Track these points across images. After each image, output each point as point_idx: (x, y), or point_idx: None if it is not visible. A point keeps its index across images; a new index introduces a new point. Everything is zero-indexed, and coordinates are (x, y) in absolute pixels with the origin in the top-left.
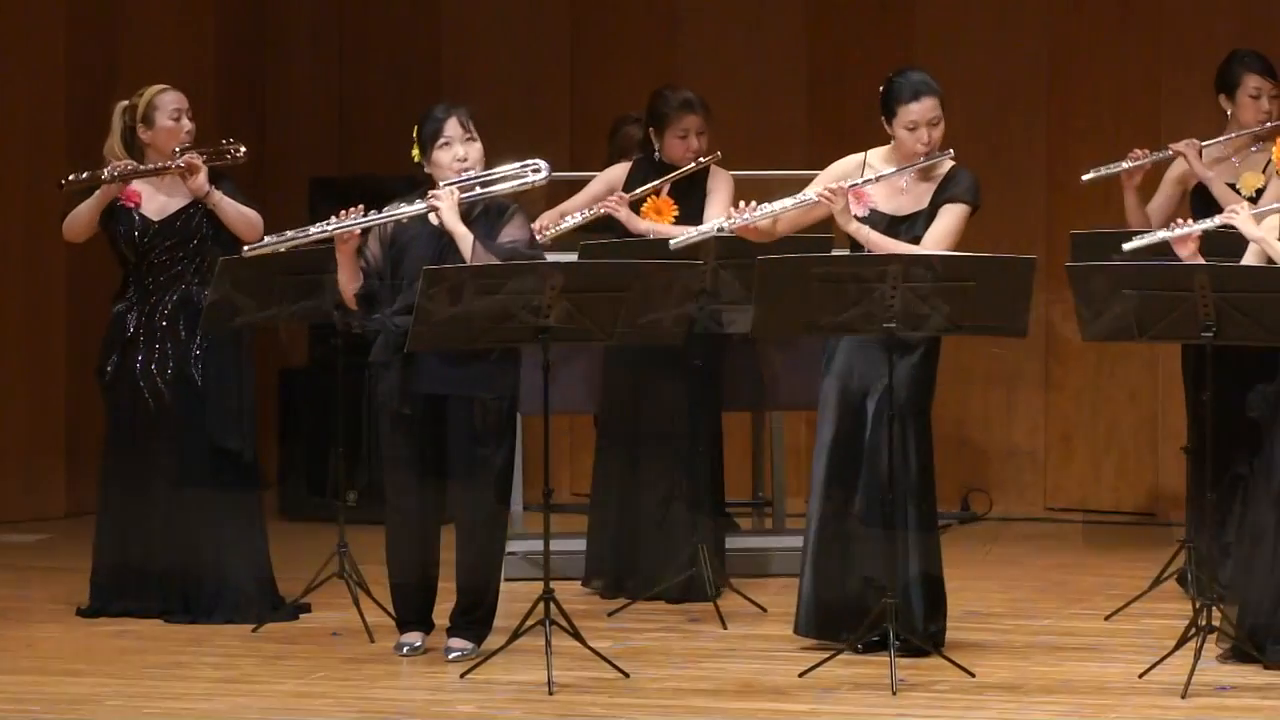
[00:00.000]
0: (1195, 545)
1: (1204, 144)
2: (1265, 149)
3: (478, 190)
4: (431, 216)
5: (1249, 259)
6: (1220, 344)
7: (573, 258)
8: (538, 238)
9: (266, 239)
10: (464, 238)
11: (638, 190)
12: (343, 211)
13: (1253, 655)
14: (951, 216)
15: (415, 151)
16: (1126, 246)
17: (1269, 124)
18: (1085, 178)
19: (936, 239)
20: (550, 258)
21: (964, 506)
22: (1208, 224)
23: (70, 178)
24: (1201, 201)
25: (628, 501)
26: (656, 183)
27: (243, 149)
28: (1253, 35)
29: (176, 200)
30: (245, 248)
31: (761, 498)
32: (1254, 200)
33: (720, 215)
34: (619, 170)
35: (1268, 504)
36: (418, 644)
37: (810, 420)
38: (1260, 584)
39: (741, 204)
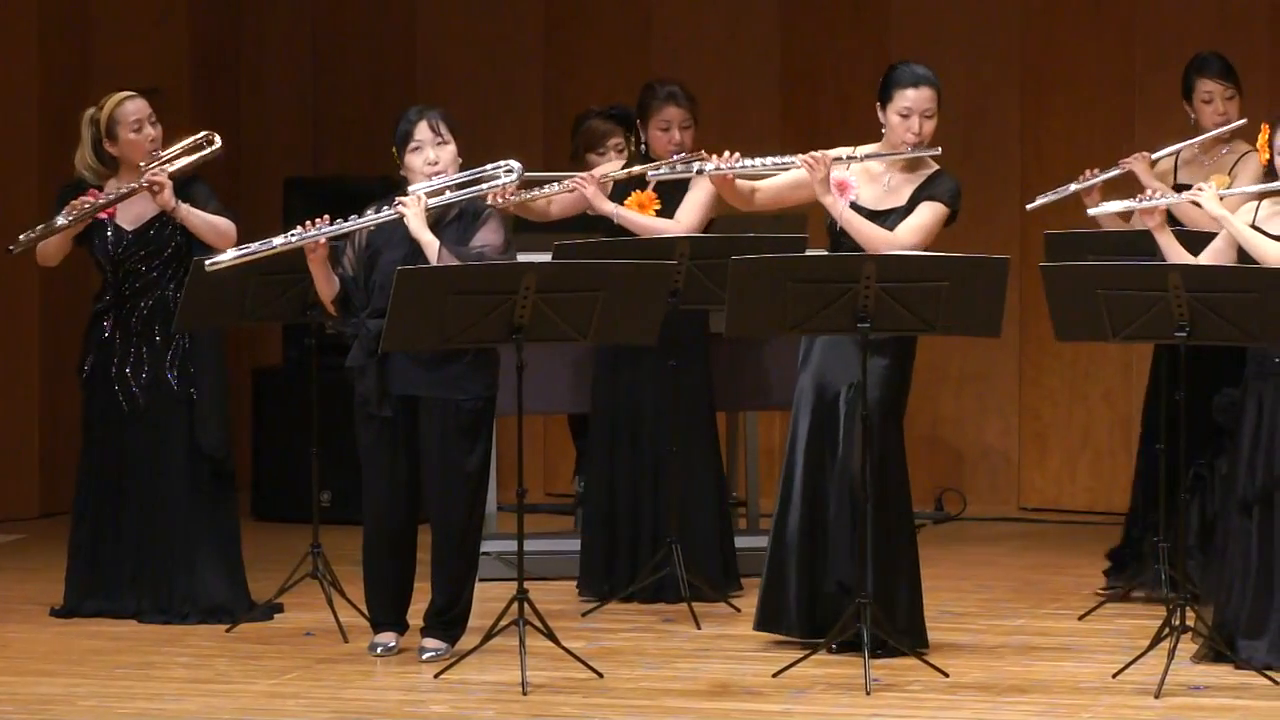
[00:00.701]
0: (1166, 544)
1: (1155, 155)
2: (1234, 151)
3: (449, 194)
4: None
5: (1218, 243)
6: (1194, 344)
7: (546, 258)
8: (498, 202)
9: (228, 253)
10: (429, 245)
11: (610, 173)
12: (308, 221)
13: (1226, 654)
14: (928, 212)
15: (395, 150)
16: (1091, 211)
17: (1228, 126)
18: (1030, 206)
19: (909, 229)
20: (524, 258)
21: (938, 506)
22: (1176, 198)
23: (20, 238)
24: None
25: (614, 503)
26: (631, 169)
27: (217, 139)
28: (1228, 36)
29: (150, 209)
30: (206, 263)
31: (735, 498)
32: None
33: (695, 215)
34: (608, 168)
35: (1237, 509)
36: (391, 644)
37: (784, 420)
38: (1230, 585)
39: (726, 153)
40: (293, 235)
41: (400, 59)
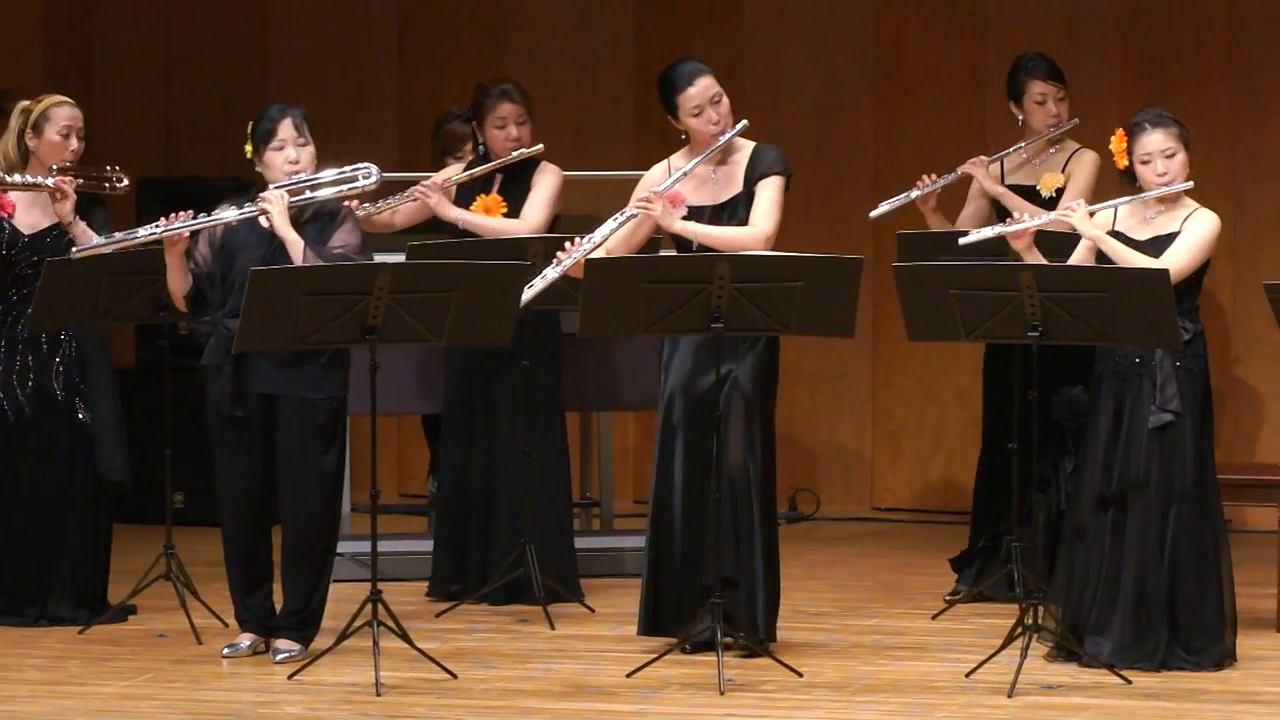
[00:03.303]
0: (1020, 544)
1: (992, 159)
2: (1063, 150)
3: (308, 194)
4: (262, 219)
5: (1079, 253)
6: (1046, 344)
7: (400, 258)
8: (358, 213)
9: (95, 239)
10: (294, 244)
11: (452, 176)
12: (171, 214)
13: (1077, 654)
14: (771, 189)
15: (248, 148)
16: (963, 240)
17: (1061, 127)
18: (873, 214)
19: (762, 213)
20: (379, 258)
21: (791, 506)
22: (1043, 219)
23: None
24: (1008, 210)
25: (467, 503)
26: (473, 171)
27: (125, 181)
28: (1080, 35)
29: (49, 218)
30: (74, 249)
31: (589, 498)
32: (1054, 200)
33: (540, 213)
34: (452, 169)
35: (1089, 506)
36: (244, 645)
37: (639, 420)
38: (1081, 582)
39: (566, 244)
40: (156, 227)
41: (253, 59)
